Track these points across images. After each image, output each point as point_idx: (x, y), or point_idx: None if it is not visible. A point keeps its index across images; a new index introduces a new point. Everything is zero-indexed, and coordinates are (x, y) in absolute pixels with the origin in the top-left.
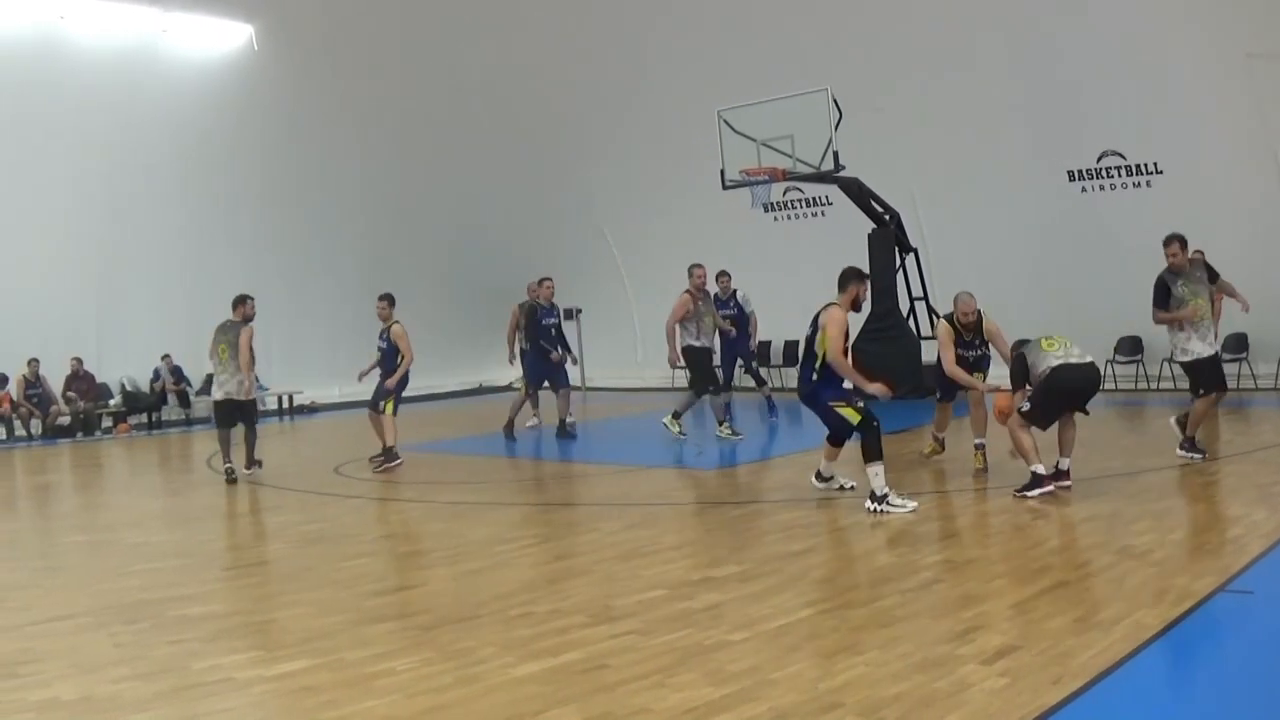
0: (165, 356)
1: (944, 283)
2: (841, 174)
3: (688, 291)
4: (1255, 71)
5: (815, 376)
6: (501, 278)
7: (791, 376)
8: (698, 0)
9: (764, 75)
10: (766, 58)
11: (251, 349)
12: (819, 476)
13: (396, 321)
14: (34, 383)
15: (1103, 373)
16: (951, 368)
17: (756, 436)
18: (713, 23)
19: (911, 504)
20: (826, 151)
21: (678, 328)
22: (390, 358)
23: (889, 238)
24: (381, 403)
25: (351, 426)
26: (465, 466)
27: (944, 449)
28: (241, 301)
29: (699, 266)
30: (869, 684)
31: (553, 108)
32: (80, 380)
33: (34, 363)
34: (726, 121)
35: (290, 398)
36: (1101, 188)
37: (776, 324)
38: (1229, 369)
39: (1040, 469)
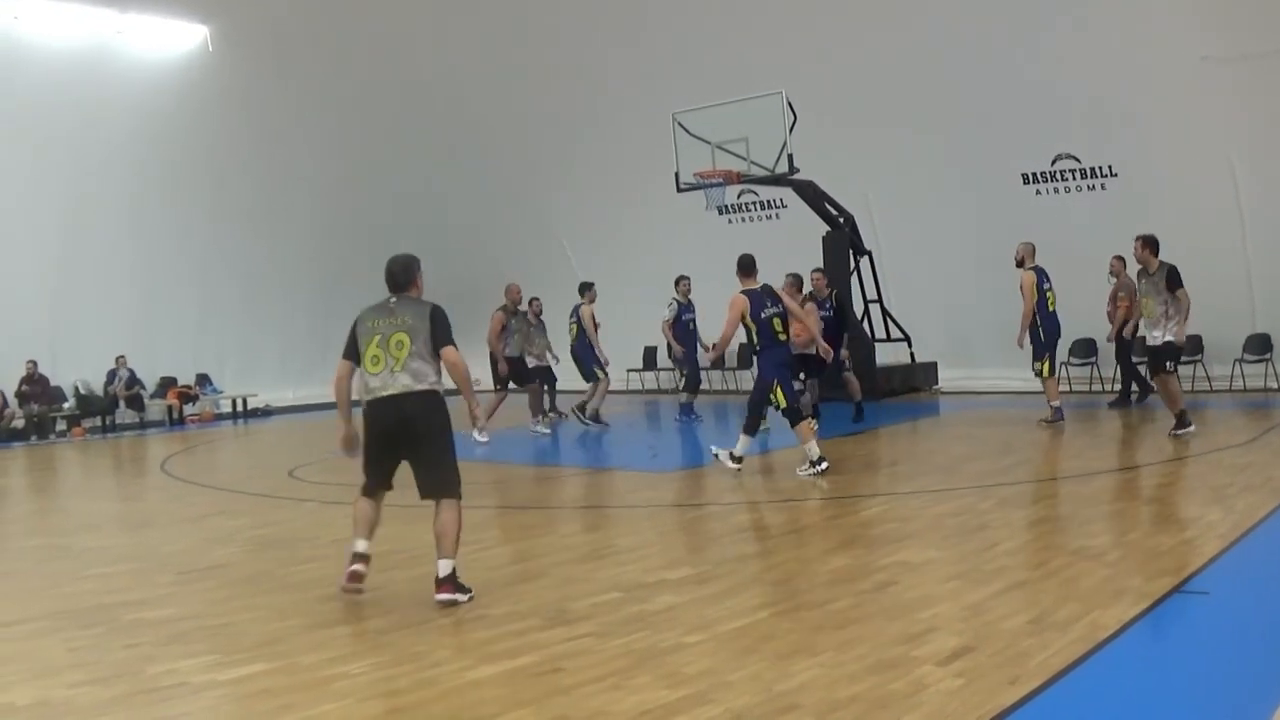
0: (119, 358)
1: (898, 285)
2: (796, 177)
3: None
4: (1210, 75)
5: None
6: (459, 284)
7: (745, 379)
8: (654, 4)
9: (720, 78)
10: (723, 61)
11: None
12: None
13: None
14: None
15: (1057, 375)
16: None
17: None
18: (669, 26)
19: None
20: (781, 154)
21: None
22: None
23: (843, 240)
24: None
25: (306, 429)
26: None
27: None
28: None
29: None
30: (825, 686)
31: (510, 112)
32: (34, 383)
33: None
34: (681, 124)
35: (244, 401)
36: (1056, 190)
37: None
38: (1185, 371)
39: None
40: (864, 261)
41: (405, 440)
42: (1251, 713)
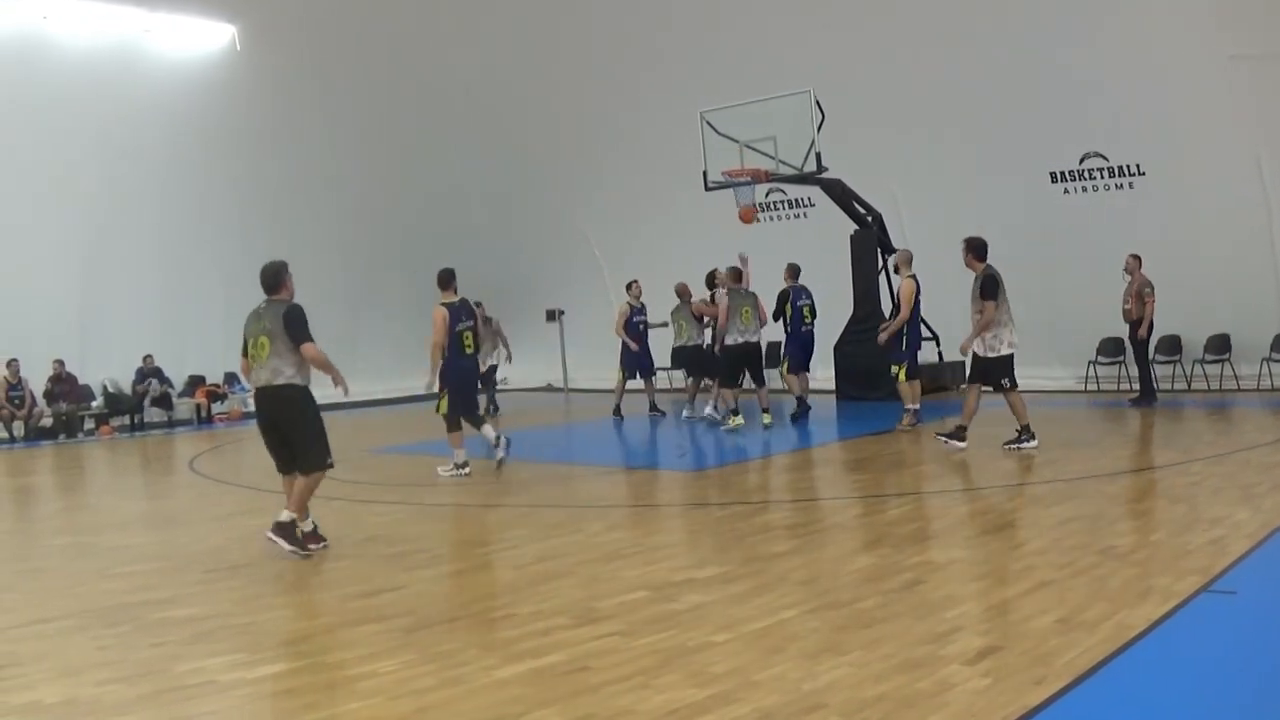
0: (146, 357)
1: (926, 284)
2: (824, 175)
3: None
4: (1238, 73)
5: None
6: (485, 279)
7: (776, 379)
8: (682, 2)
9: (748, 77)
10: (751, 60)
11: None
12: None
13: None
14: (15, 384)
15: (1085, 374)
16: None
17: (742, 437)
18: (695, 23)
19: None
20: (809, 153)
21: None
22: None
23: (871, 239)
24: None
25: (334, 428)
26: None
27: None
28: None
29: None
30: (852, 685)
31: (535, 109)
32: (63, 382)
33: (14, 363)
34: (709, 123)
35: None
36: (1084, 189)
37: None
38: (1212, 370)
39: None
40: (892, 260)
41: (273, 425)
42: None
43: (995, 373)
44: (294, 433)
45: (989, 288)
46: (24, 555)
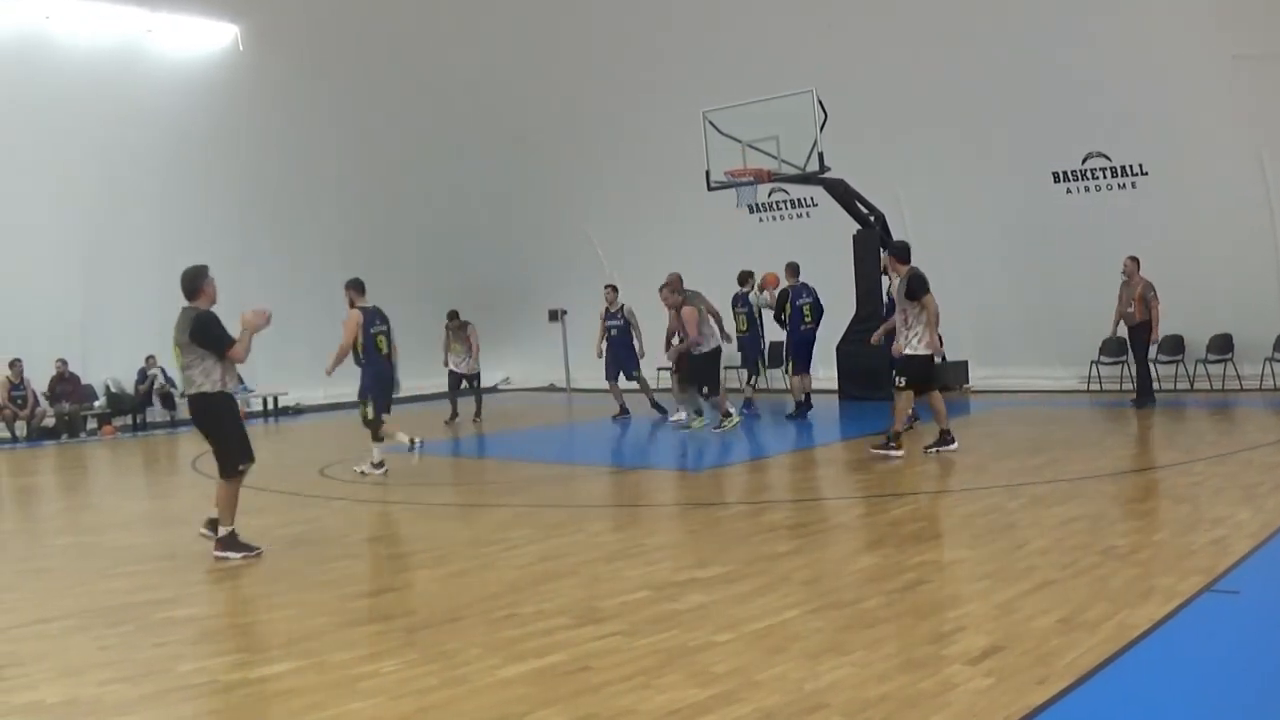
0: (149, 358)
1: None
2: (827, 175)
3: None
4: (1242, 73)
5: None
6: (485, 279)
7: (776, 377)
8: (685, 2)
9: (751, 77)
10: (753, 59)
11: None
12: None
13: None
14: (18, 384)
15: (1088, 374)
16: None
17: (740, 437)
18: (695, 23)
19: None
20: (812, 153)
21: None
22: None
23: (874, 239)
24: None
25: (337, 428)
26: (449, 468)
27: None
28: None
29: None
30: (854, 685)
31: (537, 109)
32: (65, 382)
33: (17, 363)
34: (712, 123)
35: (275, 399)
36: (1087, 189)
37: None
38: (1215, 370)
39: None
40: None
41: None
42: None
43: (906, 369)
44: (209, 439)
45: (915, 286)
46: (26, 555)
